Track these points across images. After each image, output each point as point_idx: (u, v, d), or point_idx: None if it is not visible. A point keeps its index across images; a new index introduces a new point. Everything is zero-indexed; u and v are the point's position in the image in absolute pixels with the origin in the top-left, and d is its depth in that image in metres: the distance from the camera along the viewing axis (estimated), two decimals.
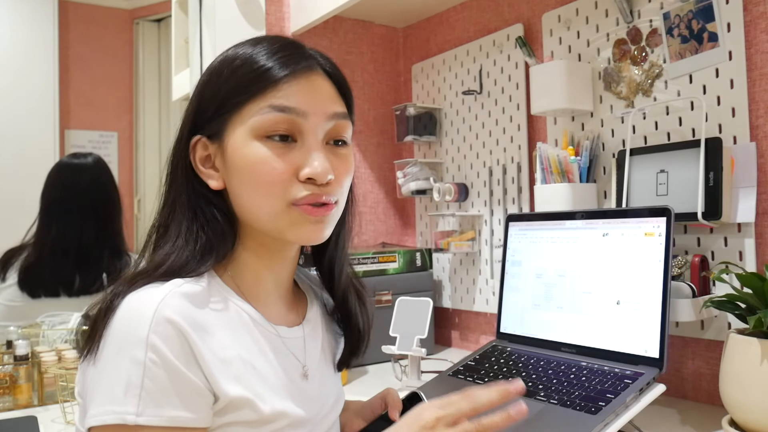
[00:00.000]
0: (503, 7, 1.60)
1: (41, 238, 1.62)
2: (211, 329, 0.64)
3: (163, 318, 0.59)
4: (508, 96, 1.57)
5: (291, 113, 0.67)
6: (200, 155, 0.71)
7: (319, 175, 0.67)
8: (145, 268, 0.67)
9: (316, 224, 0.69)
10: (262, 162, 0.67)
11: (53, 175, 1.71)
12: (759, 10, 1.08)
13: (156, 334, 0.59)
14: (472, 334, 1.71)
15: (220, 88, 0.69)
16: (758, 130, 1.08)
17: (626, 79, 1.29)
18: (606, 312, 1.08)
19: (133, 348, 0.59)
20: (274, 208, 0.67)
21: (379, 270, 1.60)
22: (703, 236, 1.15)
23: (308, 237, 0.70)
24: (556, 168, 1.30)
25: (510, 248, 1.30)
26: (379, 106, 1.95)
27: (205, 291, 0.66)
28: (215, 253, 0.69)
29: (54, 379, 1.25)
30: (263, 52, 0.69)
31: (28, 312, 1.56)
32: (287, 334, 0.74)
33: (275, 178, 0.67)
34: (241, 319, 0.69)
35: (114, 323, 0.61)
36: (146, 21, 2.72)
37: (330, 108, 0.70)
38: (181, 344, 0.60)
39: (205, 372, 0.61)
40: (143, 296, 0.62)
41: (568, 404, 0.95)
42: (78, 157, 1.75)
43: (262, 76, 0.67)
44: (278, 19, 1.76)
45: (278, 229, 0.69)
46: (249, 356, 0.67)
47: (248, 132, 0.67)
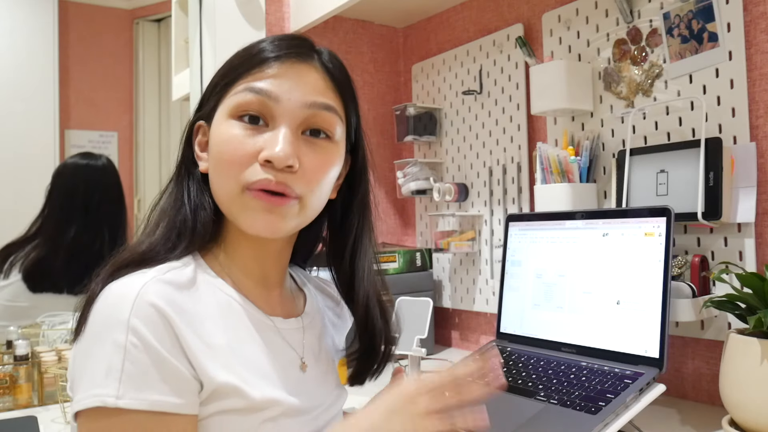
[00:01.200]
0: (503, 7, 1.60)
1: (54, 235, 1.62)
2: (196, 315, 0.63)
3: (145, 302, 0.59)
4: (508, 96, 1.57)
5: (263, 95, 0.66)
6: (200, 140, 0.72)
7: (276, 157, 0.64)
8: (130, 253, 0.66)
9: (269, 214, 0.65)
10: (228, 141, 0.66)
11: (71, 173, 1.71)
12: (759, 10, 1.08)
13: (137, 318, 0.58)
14: (472, 334, 1.71)
15: (218, 73, 0.71)
16: (758, 130, 1.08)
17: (626, 79, 1.29)
18: (606, 312, 1.08)
19: (113, 331, 0.58)
20: (230, 190, 0.66)
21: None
22: (703, 236, 1.15)
23: (260, 227, 0.66)
24: (556, 168, 1.30)
25: (510, 248, 1.30)
26: (379, 106, 1.95)
27: (191, 278, 0.65)
28: (193, 236, 0.68)
29: (54, 379, 1.25)
30: (267, 41, 0.70)
31: (29, 311, 1.56)
32: (283, 325, 0.73)
33: (236, 158, 0.65)
34: (231, 307, 0.68)
35: (96, 308, 0.60)
36: (146, 21, 2.72)
37: (310, 97, 0.68)
38: (164, 328, 0.59)
39: (190, 358, 0.60)
40: (126, 282, 0.61)
41: (568, 404, 0.95)
42: (93, 158, 1.76)
43: (250, 59, 0.69)
44: (278, 19, 1.76)
45: (233, 215, 0.68)
46: (238, 343, 0.66)
47: (225, 111, 0.68)
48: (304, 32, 1.75)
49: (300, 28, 1.72)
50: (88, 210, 1.65)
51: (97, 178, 1.72)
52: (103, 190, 1.71)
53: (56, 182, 1.69)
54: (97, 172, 1.73)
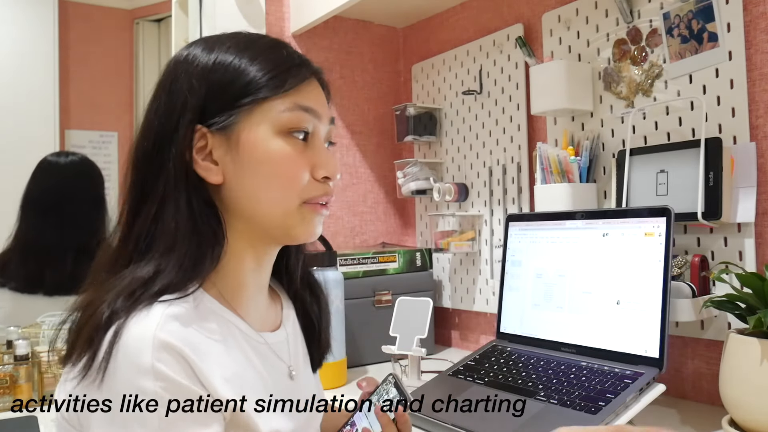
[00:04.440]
0: (503, 7, 1.60)
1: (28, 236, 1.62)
2: (206, 349, 0.62)
3: (161, 343, 0.58)
4: (508, 96, 1.57)
5: (312, 114, 0.70)
6: (198, 146, 0.66)
7: (334, 174, 0.71)
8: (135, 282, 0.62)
9: (320, 222, 0.72)
10: (287, 158, 0.67)
11: (39, 174, 1.69)
12: (759, 10, 1.08)
13: (160, 362, 0.57)
14: (472, 334, 1.71)
15: (234, 81, 0.66)
16: (758, 130, 1.08)
17: (626, 79, 1.29)
18: (606, 312, 1.08)
19: (140, 379, 0.57)
20: (289, 204, 0.68)
21: (379, 270, 1.60)
22: (703, 236, 1.15)
23: (312, 234, 0.72)
24: (556, 168, 1.30)
25: (510, 248, 1.30)
26: (379, 106, 1.95)
27: (191, 309, 0.63)
28: (209, 259, 0.65)
29: (54, 379, 1.25)
30: (280, 52, 0.70)
31: (27, 313, 1.56)
32: (272, 339, 0.74)
33: (296, 175, 0.68)
34: (231, 333, 0.67)
35: (116, 355, 0.58)
36: (146, 21, 2.72)
37: (329, 113, 0.74)
38: (183, 367, 0.58)
39: (210, 392, 0.60)
40: (137, 324, 0.59)
41: (568, 404, 0.95)
42: (64, 156, 1.74)
43: (289, 74, 0.68)
44: (278, 19, 1.76)
45: (288, 226, 0.69)
46: (242, 371, 0.66)
47: (270, 127, 0.67)
48: (304, 32, 1.76)
49: (300, 28, 1.72)
50: (58, 209, 1.63)
51: (67, 176, 1.70)
52: (74, 188, 1.68)
53: (29, 183, 1.68)
54: (67, 169, 1.71)
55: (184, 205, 0.65)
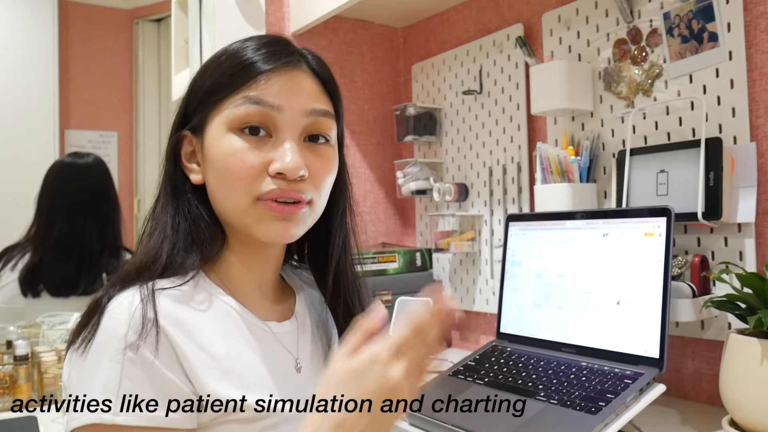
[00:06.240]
0: (503, 7, 1.60)
1: (44, 237, 1.62)
2: (195, 328, 0.64)
3: (142, 317, 0.60)
4: (508, 96, 1.57)
5: (265, 106, 0.66)
6: (186, 150, 0.72)
7: (290, 170, 0.65)
8: (133, 266, 0.66)
9: (283, 222, 0.67)
10: (233, 154, 0.66)
11: (55, 174, 1.71)
12: (759, 10, 1.08)
13: (135, 333, 0.59)
14: (472, 334, 1.71)
15: (204, 83, 0.70)
16: (758, 130, 1.08)
17: (626, 79, 1.29)
18: (606, 312, 1.08)
19: (112, 347, 0.59)
20: (241, 203, 0.67)
21: (379, 270, 1.60)
22: (703, 236, 1.15)
23: (275, 235, 0.68)
24: (556, 168, 1.30)
25: (510, 248, 1.30)
26: (379, 106, 1.95)
27: (188, 289, 0.66)
28: (201, 250, 0.68)
29: (54, 379, 1.25)
30: (250, 48, 0.70)
31: (24, 313, 1.56)
32: (278, 329, 0.74)
33: (244, 171, 0.66)
34: (228, 315, 0.69)
35: (101, 324, 0.61)
36: (146, 21, 2.72)
37: (308, 104, 0.69)
38: (161, 344, 0.60)
39: (188, 372, 0.61)
40: (125, 297, 0.62)
41: (568, 404, 0.95)
42: (79, 157, 1.75)
43: (243, 70, 0.68)
44: (278, 19, 1.76)
45: (246, 225, 0.68)
46: (237, 353, 0.67)
47: (223, 124, 0.68)
48: (304, 32, 1.75)
49: (300, 28, 1.72)
50: (72, 209, 1.64)
51: (81, 177, 1.71)
52: (87, 188, 1.69)
53: (43, 184, 1.69)
54: (81, 170, 1.72)
55: (177, 202, 0.70)
